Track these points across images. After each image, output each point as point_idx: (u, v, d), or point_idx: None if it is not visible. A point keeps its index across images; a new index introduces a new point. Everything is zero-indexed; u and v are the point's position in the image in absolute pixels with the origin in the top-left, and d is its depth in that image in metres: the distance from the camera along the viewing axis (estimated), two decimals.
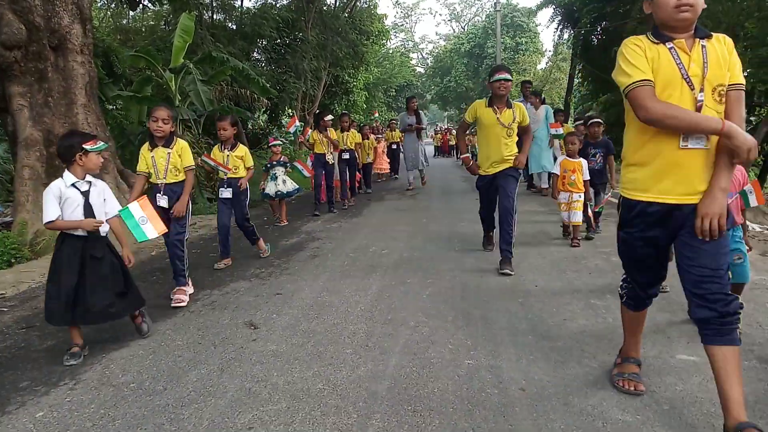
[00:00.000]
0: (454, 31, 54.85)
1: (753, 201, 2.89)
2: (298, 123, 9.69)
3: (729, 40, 2.16)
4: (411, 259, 5.29)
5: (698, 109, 2.06)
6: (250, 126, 19.21)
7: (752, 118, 15.93)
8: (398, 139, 13.39)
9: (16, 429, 2.41)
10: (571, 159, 5.79)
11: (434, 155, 29.18)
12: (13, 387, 2.81)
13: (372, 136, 12.34)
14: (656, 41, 2.16)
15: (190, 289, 4.27)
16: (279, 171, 7.70)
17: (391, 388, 2.63)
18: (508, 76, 4.75)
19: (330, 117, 8.51)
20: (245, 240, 5.61)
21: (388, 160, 14.31)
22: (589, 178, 5.77)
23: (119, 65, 11.19)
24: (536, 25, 40.25)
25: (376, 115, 12.41)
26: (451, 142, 26.24)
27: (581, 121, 7.50)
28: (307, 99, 20.53)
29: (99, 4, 17.31)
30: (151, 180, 4.22)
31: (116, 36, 17.36)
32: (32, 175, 6.69)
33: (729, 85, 2.11)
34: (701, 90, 2.07)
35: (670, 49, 2.12)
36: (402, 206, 9.27)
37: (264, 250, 5.59)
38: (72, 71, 7.25)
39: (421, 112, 11.61)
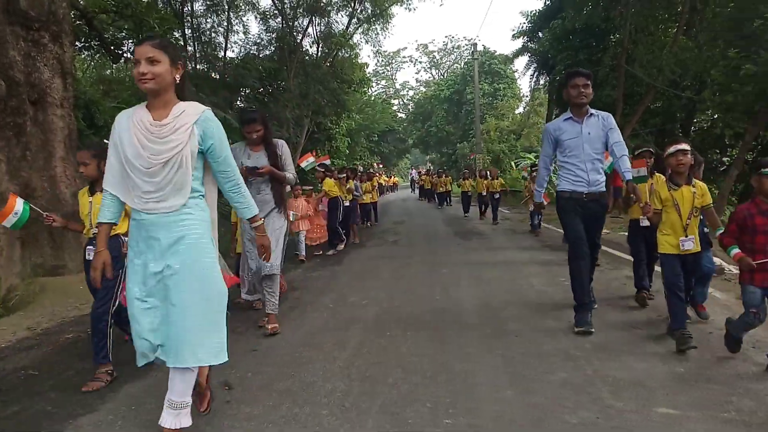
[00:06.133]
0: (434, 78, 56.19)
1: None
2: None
3: None
4: (391, 310, 5.24)
5: None
6: None
7: (725, 159, 16.43)
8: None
9: None
10: None
11: (419, 198, 29.27)
12: None
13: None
14: None
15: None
16: None
17: None
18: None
19: None
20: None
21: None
22: None
23: (100, 116, 11.22)
24: (513, 72, 41.41)
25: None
26: (440, 189, 21.50)
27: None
28: (290, 146, 20.72)
29: (83, 56, 17.50)
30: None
31: (99, 86, 17.49)
32: (6, 230, 6.59)
33: None
34: None
35: None
36: (384, 254, 9.25)
37: None
38: (51, 125, 7.25)
39: (281, 143, 4.71)
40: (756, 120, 10.51)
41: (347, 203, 9.85)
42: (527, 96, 36.62)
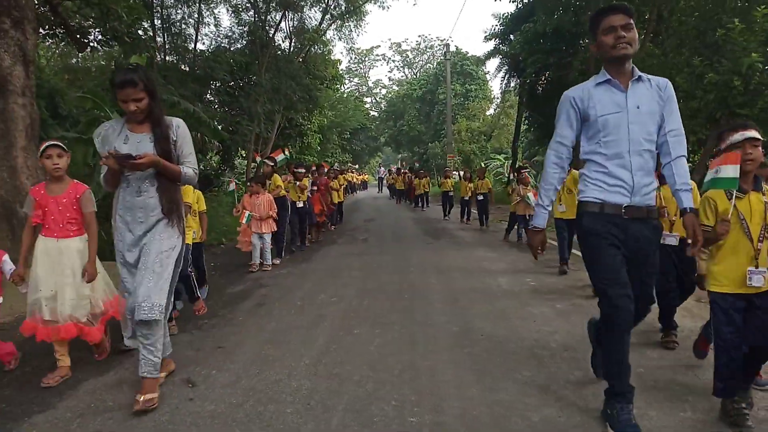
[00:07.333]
0: (407, 77, 56.21)
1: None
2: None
3: None
4: (360, 308, 5.23)
5: None
6: (201, 167, 18.95)
7: (688, 165, 16.87)
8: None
9: None
10: None
11: (389, 197, 29.24)
12: None
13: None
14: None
15: None
16: None
17: None
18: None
19: None
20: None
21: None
22: None
23: (64, 106, 10.92)
24: (485, 73, 41.71)
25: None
26: (420, 191, 19.59)
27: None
28: (261, 141, 20.48)
29: (47, 44, 16.98)
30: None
31: (64, 76, 17.02)
32: None
33: None
34: None
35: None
36: (353, 251, 9.23)
37: None
38: (12, 114, 7.02)
39: (176, 123, 3.26)
40: (717, 127, 10.80)
41: (300, 204, 8.92)
42: (498, 98, 36.93)
